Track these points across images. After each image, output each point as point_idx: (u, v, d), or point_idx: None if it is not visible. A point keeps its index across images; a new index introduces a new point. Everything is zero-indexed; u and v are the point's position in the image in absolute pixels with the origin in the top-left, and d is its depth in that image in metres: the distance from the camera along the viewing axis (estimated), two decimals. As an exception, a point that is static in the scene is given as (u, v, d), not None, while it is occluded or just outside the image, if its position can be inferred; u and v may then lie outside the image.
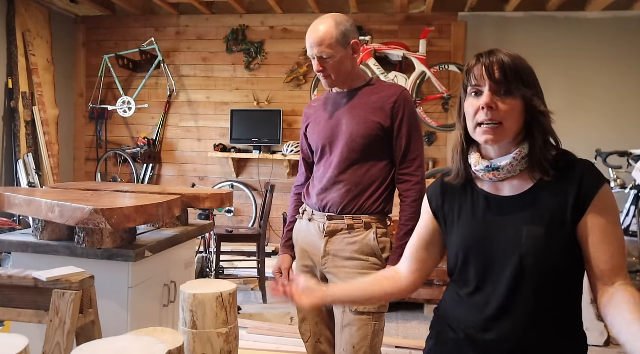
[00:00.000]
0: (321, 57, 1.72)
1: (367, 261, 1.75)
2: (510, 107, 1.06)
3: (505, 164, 1.10)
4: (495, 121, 1.06)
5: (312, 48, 1.73)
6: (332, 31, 1.71)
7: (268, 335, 3.13)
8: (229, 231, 4.11)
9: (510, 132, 1.08)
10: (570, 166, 1.08)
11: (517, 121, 1.08)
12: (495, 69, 1.06)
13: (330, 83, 1.80)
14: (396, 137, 1.77)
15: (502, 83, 1.06)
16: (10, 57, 4.77)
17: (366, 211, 1.77)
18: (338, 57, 1.73)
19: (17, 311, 1.56)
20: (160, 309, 2.17)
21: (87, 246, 1.87)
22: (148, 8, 5.57)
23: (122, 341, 1.05)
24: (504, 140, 1.08)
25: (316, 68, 1.76)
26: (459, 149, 1.18)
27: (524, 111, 1.08)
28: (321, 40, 1.70)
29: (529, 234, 1.07)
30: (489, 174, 1.12)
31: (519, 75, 1.07)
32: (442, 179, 1.25)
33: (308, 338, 1.89)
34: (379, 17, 5.20)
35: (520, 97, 1.07)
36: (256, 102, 5.38)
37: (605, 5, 4.69)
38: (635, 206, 4.11)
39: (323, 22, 1.73)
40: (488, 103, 1.06)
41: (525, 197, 1.10)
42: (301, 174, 2.03)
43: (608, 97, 4.88)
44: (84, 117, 5.74)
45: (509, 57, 1.08)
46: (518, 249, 1.07)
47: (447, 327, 1.20)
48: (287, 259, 1.96)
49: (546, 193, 1.08)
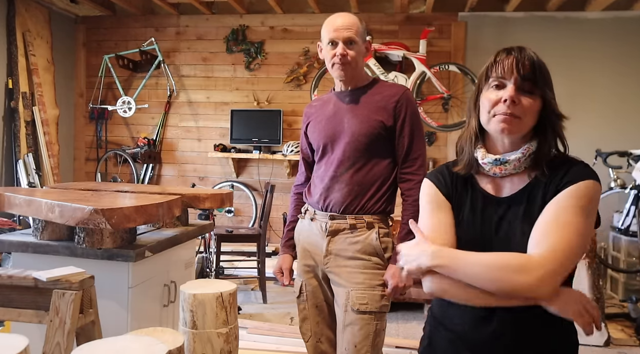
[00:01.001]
0: (348, 39, 1.74)
1: (370, 261, 1.76)
2: (530, 104, 1.09)
3: (514, 159, 1.11)
4: (515, 114, 1.08)
5: (338, 31, 1.73)
6: (358, 22, 1.77)
7: (268, 335, 3.13)
8: (229, 231, 4.11)
9: (525, 127, 1.10)
10: (563, 165, 1.10)
11: (533, 119, 1.10)
12: (526, 63, 1.09)
13: (347, 72, 1.77)
14: (398, 136, 1.77)
15: (528, 79, 1.08)
16: (10, 57, 4.77)
17: (368, 211, 1.77)
18: (358, 48, 1.76)
19: (17, 311, 1.56)
20: (160, 309, 2.17)
21: (87, 246, 1.87)
22: (148, 8, 5.57)
23: (122, 341, 1.05)
24: (518, 133, 1.10)
25: (340, 51, 1.73)
26: (472, 138, 1.17)
27: (541, 111, 1.10)
28: (351, 25, 1.74)
29: (520, 232, 1.08)
30: (495, 167, 1.13)
31: (543, 76, 1.10)
32: (447, 168, 1.24)
33: (309, 337, 1.89)
34: (379, 17, 5.20)
35: (540, 97, 1.09)
36: (256, 102, 5.38)
37: (605, 5, 4.69)
38: (635, 206, 4.11)
39: (347, 14, 1.78)
40: (512, 96, 1.07)
41: (520, 195, 1.12)
42: (301, 173, 2.03)
43: (608, 97, 4.88)
44: (84, 117, 5.74)
45: (537, 56, 1.11)
46: (511, 248, 1.07)
47: (440, 326, 1.20)
48: (288, 259, 1.96)
49: (538, 191, 1.10)
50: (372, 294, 1.73)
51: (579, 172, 1.07)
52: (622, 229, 4.24)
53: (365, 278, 1.74)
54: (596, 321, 1.02)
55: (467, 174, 1.19)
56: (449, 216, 1.18)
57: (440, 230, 1.16)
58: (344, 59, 1.74)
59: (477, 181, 1.19)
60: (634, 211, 4.12)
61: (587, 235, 1.05)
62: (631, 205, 4.16)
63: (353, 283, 1.74)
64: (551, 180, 1.08)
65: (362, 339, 1.71)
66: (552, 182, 1.08)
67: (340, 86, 1.85)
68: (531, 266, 1.00)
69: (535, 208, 1.08)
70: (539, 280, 0.99)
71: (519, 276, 1.00)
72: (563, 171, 1.08)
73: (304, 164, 2.01)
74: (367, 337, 1.71)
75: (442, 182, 1.21)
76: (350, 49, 1.74)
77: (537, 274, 0.99)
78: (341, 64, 1.75)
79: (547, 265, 1.00)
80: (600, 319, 3.25)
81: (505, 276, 1.01)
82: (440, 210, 1.18)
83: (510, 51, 1.11)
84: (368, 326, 1.71)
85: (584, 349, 3.16)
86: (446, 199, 1.19)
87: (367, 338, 1.71)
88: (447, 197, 1.20)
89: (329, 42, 1.76)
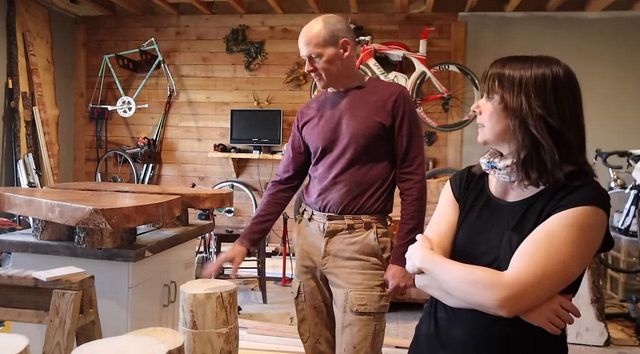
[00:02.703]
0: (310, 56, 1.75)
1: (368, 261, 1.75)
2: (488, 108, 1.12)
3: (503, 166, 1.11)
4: (480, 123, 1.14)
5: (302, 48, 1.77)
6: (319, 30, 1.74)
7: (268, 335, 3.13)
8: (229, 231, 4.11)
9: (490, 132, 1.13)
10: (573, 182, 1.05)
11: (498, 122, 1.11)
12: (488, 76, 1.12)
13: (323, 84, 1.80)
14: (397, 135, 1.77)
15: (489, 88, 1.12)
16: (10, 57, 4.77)
17: (366, 211, 1.76)
18: (326, 56, 1.74)
19: (17, 311, 1.56)
20: (160, 309, 2.17)
21: (87, 246, 1.87)
22: (148, 8, 5.57)
23: (122, 341, 1.05)
24: (488, 139, 1.14)
25: (307, 68, 1.78)
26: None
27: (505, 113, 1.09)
28: (309, 40, 1.74)
29: (507, 240, 1.07)
30: (490, 169, 1.15)
31: (505, 80, 1.09)
32: (468, 169, 1.27)
33: (307, 338, 1.89)
34: (379, 17, 5.20)
35: (501, 98, 1.09)
36: (256, 102, 5.38)
37: (605, 5, 4.69)
38: (635, 206, 4.11)
39: (312, 23, 1.77)
40: (476, 106, 1.16)
41: (522, 203, 1.10)
42: (285, 171, 1.97)
43: (608, 97, 4.88)
44: (84, 117, 5.74)
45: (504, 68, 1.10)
46: (497, 255, 1.08)
47: (425, 321, 1.24)
48: (241, 253, 1.85)
49: (538, 205, 1.07)
50: (370, 294, 1.73)
51: (582, 196, 1.02)
52: (622, 229, 4.24)
53: (364, 279, 1.74)
54: (570, 318, 1.04)
55: (481, 173, 1.22)
56: (452, 216, 1.22)
57: (439, 231, 1.21)
58: (314, 72, 1.78)
59: (489, 184, 1.20)
60: (634, 211, 4.12)
61: (575, 264, 1.00)
62: (631, 205, 4.16)
63: (351, 284, 1.74)
64: (553, 197, 1.05)
65: (361, 340, 1.71)
66: (553, 201, 1.04)
67: (322, 88, 1.85)
68: (499, 285, 1.00)
69: (529, 222, 1.06)
70: (502, 300, 0.99)
71: (485, 292, 1.00)
72: (568, 190, 1.04)
73: (291, 162, 1.95)
74: (366, 338, 1.71)
75: (456, 182, 1.26)
76: (316, 62, 1.75)
77: (502, 294, 0.99)
78: (316, 77, 1.80)
79: (514, 286, 0.99)
80: (600, 316, 3.23)
81: (474, 290, 1.02)
82: (446, 210, 1.24)
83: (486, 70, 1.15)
84: (367, 327, 1.71)
85: (584, 349, 3.16)
86: (455, 199, 1.24)
87: (366, 339, 1.71)
88: (457, 197, 1.24)
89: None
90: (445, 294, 1.10)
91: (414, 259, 1.15)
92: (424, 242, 1.17)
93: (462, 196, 1.23)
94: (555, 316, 1.02)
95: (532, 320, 1.02)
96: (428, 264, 1.12)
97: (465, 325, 1.11)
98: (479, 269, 1.04)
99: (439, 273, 1.09)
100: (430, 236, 1.21)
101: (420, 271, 1.15)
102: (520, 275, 0.99)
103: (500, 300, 0.99)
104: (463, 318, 1.11)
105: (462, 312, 1.10)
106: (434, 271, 1.10)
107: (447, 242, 1.19)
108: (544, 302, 1.02)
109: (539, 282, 0.99)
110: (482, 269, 1.04)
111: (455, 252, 1.17)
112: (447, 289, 1.08)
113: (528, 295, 0.99)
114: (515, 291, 0.99)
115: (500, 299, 0.99)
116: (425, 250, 1.15)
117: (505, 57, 1.13)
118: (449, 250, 1.18)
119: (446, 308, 1.15)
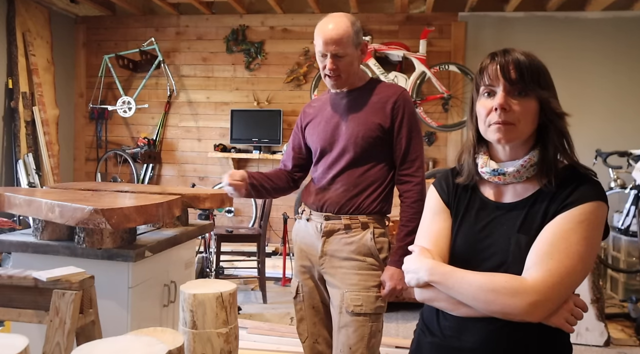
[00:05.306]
0: (336, 55, 1.70)
1: (364, 262, 1.75)
2: (524, 108, 1.04)
3: (512, 171, 1.08)
4: (508, 122, 1.04)
5: (327, 45, 1.69)
6: (349, 30, 1.70)
7: (268, 335, 3.13)
8: (229, 231, 4.11)
9: (523, 133, 1.06)
10: (572, 179, 1.05)
11: (532, 122, 1.06)
12: (511, 68, 1.04)
13: (339, 83, 1.77)
14: (396, 137, 1.76)
15: (517, 83, 1.03)
16: (10, 57, 4.77)
17: (363, 211, 1.76)
18: (350, 57, 1.72)
19: (17, 311, 1.56)
20: (160, 309, 2.17)
21: (87, 246, 1.87)
22: (148, 8, 5.57)
23: (122, 341, 1.05)
24: (516, 140, 1.06)
25: (329, 66, 1.71)
26: (470, 150, 1.15)
27: (539, 112, 1.06)
28: (339, 39, 1.68)
29: (515, 243, 1.05)
30: (494, 177, 1.10)
31: (535, 75, 1.04)
32: (452, 172, 1.22)
33: (305, 338, 1.89)
34: (379, 17, 5.20)
35: (536, 98, 1.05)
36: (256, 102, 5.38)
37: (605, 5, 4.69)
38: (635, 206, 4.11)
39: (338, 20, 1.71)
40: (502, 104, 1.03)
41: (522, 204, 1.08)
42: (284, 166, 1.99)
43: (608, 97, 4.88)
44: (84, 117, 5.74)
45: (525, 56, 1.05)
46: (504, 258, 1.05)
47: (427, 330, 1.19)
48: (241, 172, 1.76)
49: (543, 202, 1.06)
50: (366, 295, 1.72)
51: (586, 192, 1.02)
52: (622, 229, 4.24)
53: (360, 279, 1.73)
54: (582, 315, 1.02)
55: (469, 183, 1.17)
56: (446, 222, 1.17)
57: (436, 238, 1.16)
58: (334, 72, 1.73)
59: (479, 186, 1.17)
60: (634, 211, 4.12)
61: (589, 260, 1.00)
62: (631, 205, 4.16)
63: (348, 285, 1.73)
64: (556, 195, 1.04)
65: (357, 341, 1.70)
66: (557, 199, 1.03)
67: (335, 88, 1.84)
68: (524, 291, 0.97)
69: (535, 221, 1.04)
70: (531, 306, 0.96)
71: (511, 300, 0.97)
72: (570, 188, 1.03)
73: (292, 159, 1.97)
74: (362, 339, 1.70)
75: (443, 188, 1.21)
76: (340, 61, 1.71)
77: (530, 299, 0.96)
78: (332, 77, 1.74)
79: (541, 291, 0.97)
80: (600, 316, 3.23)
81: (498, 298, 0.99)
82: (438, 217, 1.19)
83: (494, 56, 1.07)
84: (363, 328, 1.71)
85: (584, 349, 3.16)
86: (445, 206, 1.19)
87: (362, 340, 1.70)
88: (447, 203, 1.19)
89: (320, 53, 1.74)
90: (453, 305, 1.06)
91: (421, 273, 1.09)
92: (426, 254, 1.12)
93: (451, 201, 1.18)
94: (571, 315, 1.01)
95: (552, 322, 1.00)
96: (439, 277, 1.06)
97: (475, 333, 1.06)
98: (498, 276, 1.01)
99: (452, 284, 1.04)
100: (426, 245, 1.16)
101: (425, 284, 1.10)
102: (545, 278, 0.97)
103: (530, 306, 0.96)
104: (472, 326, 1.06)
105: (469, 320, 1.06)
106: (447, 283, 1.05)
107: (445, 250, 1.15)
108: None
109: (563, 282, 0.98)
110: (501, 276, 1.01)
111: (454, 259, 1.13)
112: (464, 299, 1.03)
113: (555, 297, 0.98)
114: (543, 295, 0.97)
115: (529, 305, 0.96)
116: (432, 262, 1.09)
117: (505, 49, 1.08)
118: (447, 258, 1.14)
119: (450, 317, 1.10)
